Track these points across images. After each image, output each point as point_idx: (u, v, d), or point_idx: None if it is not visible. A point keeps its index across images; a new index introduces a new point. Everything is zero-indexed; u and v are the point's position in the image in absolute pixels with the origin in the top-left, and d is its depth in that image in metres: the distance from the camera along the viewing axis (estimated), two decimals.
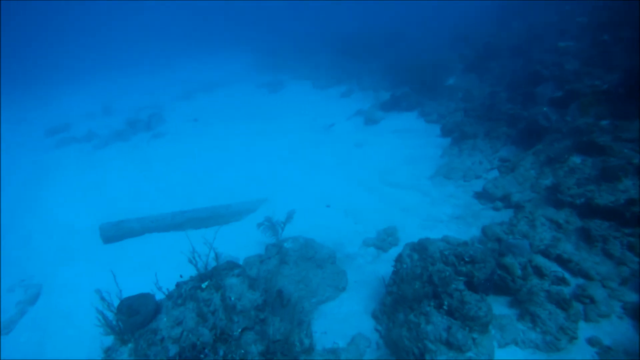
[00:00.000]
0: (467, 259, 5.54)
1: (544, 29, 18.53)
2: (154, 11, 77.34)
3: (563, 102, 10.47)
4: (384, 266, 8.16)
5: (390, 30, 31.47)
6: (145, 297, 5.91)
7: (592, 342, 5.32)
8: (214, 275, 5.89)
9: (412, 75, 20.80)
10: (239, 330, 5.27)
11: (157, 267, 9.34)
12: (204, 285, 5.69)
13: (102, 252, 10.27)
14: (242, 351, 5.14)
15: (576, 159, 8.72)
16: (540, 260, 6.36)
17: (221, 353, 5.02)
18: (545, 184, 8.89)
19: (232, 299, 5.53)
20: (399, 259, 6.51)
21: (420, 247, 6.23)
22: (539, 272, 6.11)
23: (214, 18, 71.47)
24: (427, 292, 5.66)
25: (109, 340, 5.81)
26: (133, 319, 5.45)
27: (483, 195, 9.88)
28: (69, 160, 17.21)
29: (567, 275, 6.04)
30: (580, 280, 5.96)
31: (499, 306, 6.19)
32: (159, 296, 6.10)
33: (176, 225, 10.76)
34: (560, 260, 6.29)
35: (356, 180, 11.81)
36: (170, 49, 49.82)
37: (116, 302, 6.20)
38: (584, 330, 5.49)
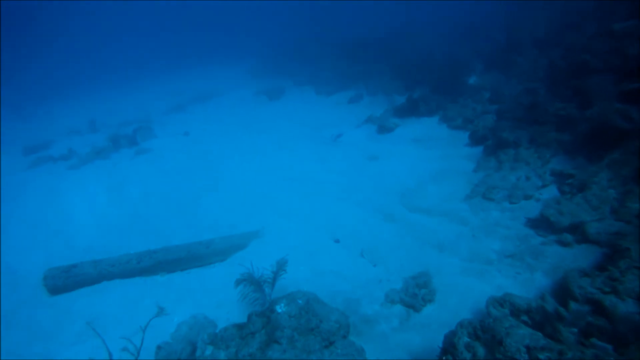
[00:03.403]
0: None
1: (578, 15, 16.07)
2: (147, 22, 75.69)
3: None
4: (418, 336, 5.73)
5: (395, 29, 29.09)
6: None
7: None
8: None
9: (426, 75, 18.50)
10: None
11: (110, 332, 7.01)
12: None
13: (46, 309, 7.88)
14: None
15: None
16: None
17: None
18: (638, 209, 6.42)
19: None
20: (450, 349, 4.07)
21: (489, 336, 3.79)
22: None
23: (209, 25, 69.47)
24: None
25: None
26: None
27: (541, 224, 7.43)
28: (37, 183, 14.91)
29: None
30: None
31: None
32: None
33: (143, 269, 8.39)
34: None
35: (372, 205, 9.37)
36: (164, 60, 47.74)
37: None
38: None
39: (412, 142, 12.79)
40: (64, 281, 8.21)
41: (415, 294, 6.26)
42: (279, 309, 5.64)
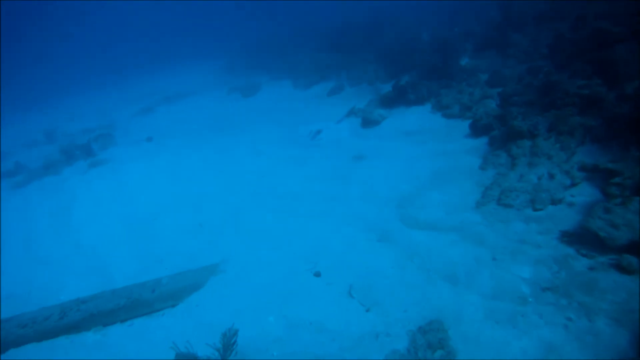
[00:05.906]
0: None
1: None
2: (116, 23, 72.58)
3: None
4: None
5: (377, 14, 27.11)
6: None
7: None
8: None
9: (413, 59, 16.62)
10: None
11: None
12: None
13: None
14: None
15: None
16: None
17: None
18: None
19: None
20: None
21: None
22: None
23: (182, 22, 66.55)
24: None
25: None
26: None
27: (584, 239, 5.60)
28: None
29: None
30: None
31: None
32: None
33: (69, 326, 6.42)
34: None
35: (362, 222, 7.45)
36: (135, 61, 45.21)
37: None
38: None
39: (403, 135, 10.94)
40: None
41: None
42: None
